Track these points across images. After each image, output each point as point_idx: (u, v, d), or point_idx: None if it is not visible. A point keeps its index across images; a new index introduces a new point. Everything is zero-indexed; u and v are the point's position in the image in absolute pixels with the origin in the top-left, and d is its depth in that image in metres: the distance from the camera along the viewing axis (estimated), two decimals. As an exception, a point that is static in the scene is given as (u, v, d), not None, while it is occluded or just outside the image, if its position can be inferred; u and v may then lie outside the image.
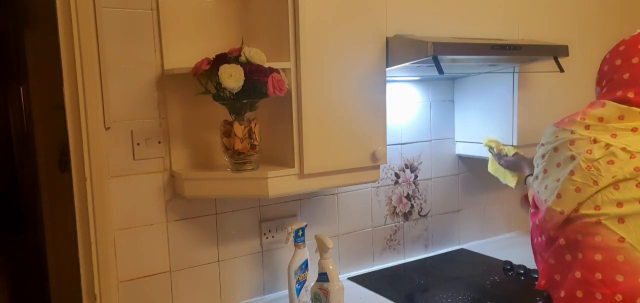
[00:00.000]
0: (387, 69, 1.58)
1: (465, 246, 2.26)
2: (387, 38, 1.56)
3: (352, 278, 1.91)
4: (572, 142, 1.16)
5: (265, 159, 1.55)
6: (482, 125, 2.06)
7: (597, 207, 1.11)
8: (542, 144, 1.27)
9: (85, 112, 1.42)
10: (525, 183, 1.73)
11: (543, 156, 1.24)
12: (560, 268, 1.19)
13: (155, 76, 1.52)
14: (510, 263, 1.99)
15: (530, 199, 1.35)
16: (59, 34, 1.40)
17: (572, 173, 1.14)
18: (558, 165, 1.19)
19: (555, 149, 1.20)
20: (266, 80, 1.36)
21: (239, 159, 1.45)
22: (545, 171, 1.22)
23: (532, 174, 1.46)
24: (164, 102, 1.54)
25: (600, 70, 1.27)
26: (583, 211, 1.12)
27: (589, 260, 1.11)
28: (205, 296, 1.67)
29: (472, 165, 2.25)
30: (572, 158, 1.15)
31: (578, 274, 1.13)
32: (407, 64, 1.54)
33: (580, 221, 1.13)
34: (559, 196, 1.15)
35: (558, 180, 1.17)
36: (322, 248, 1.58)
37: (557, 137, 1.21)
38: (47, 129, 2.38)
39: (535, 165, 1.30)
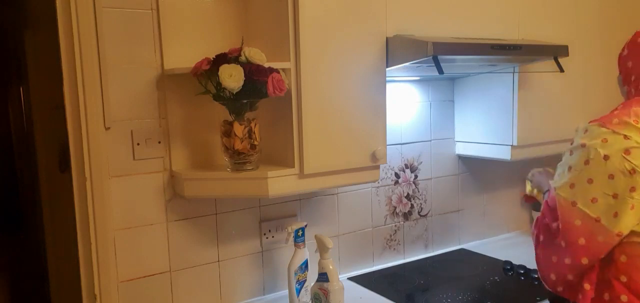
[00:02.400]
0: (387, 69, 1.58)
1: (465, 246, 2.26)
2: (387, 38, 1.56)
3: (352, 278, 1.91)
4: (627, 151, 1.02)
5: (265, 159, 1.55)
6: (482, 125, 2.06)
7: None
8: (583, 145, 1.10)
9: (85, 112, 1.42)
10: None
11: (587, 162, 1.08)
12: (599, 292, 1.12)
13: (155, 76, 1.52)
14: (510, 263, 1.99)
15: (542, 200, 1.24)
16: (59, 34, 1.40)
17: (632, 189, 1.02)
18: (611, 177, 1.04)
19: (606, 157, 1.04)
20: (266, 80, 1.36)
21: (239, 159, 1.45)
22: (590, 181, 1.06)
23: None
24: (164, 102, 1.54)
25: (623, 69, 1.19)
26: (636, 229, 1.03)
27: (636, 283, 1.06)
28: (205, 296, 1.67)
29: (472, 165, 2.25)
30: (632, 172, 1.01)
31: (624, 298, 1.08)
32: (407, 64, 1.54)
33: (629, 241, 1.05)
34: (616, 215, 1.03)
35: (616, 197, 1.03)
36: (322, 248, 1.58)
37: (606, 141, 1.05)
38: (47, 129, 2.38)
39: (565, 166, 1.14)
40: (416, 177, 2.10)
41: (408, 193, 2.09)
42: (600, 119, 1.12)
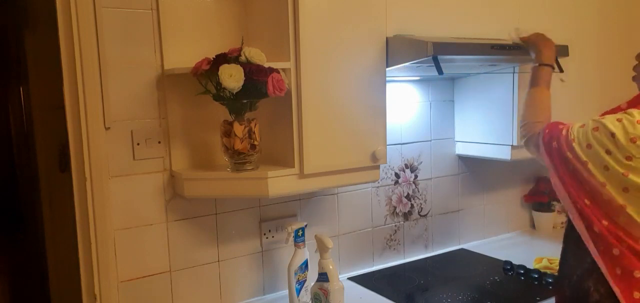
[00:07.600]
0: (387, 69, 1.58)
1: (465, 246, 2.26)
2: (387, 38, 1.56)
3: (352, 278, 1.91)
4: None
5: (265, 159, 1.55)
6: (482, 125, 2.06)
7: None
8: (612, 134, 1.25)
9: (85, 112, 1.42)
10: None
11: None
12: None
13: (155, 76, 1.52)
14: (510, 263, 1.99)
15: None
16: (59, 34, 1.40)
17: None
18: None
19: None
20: (266, 80, 1.36)
21: (239, 159, 1.45)
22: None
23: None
24: (164, 102, 1.54)
25: None
26: None
27: None
28: (205, 296, 1.67)
29: (472, 165, 2.25)
30: None
31: None
32: (407, 64, 1.54)
33: None
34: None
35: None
36: (322, 248, 1.58)
37: None
38: (47, 129, 2.38)
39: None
40: (416, 177, 2.10)
41: (408, 193, 2.09)
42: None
